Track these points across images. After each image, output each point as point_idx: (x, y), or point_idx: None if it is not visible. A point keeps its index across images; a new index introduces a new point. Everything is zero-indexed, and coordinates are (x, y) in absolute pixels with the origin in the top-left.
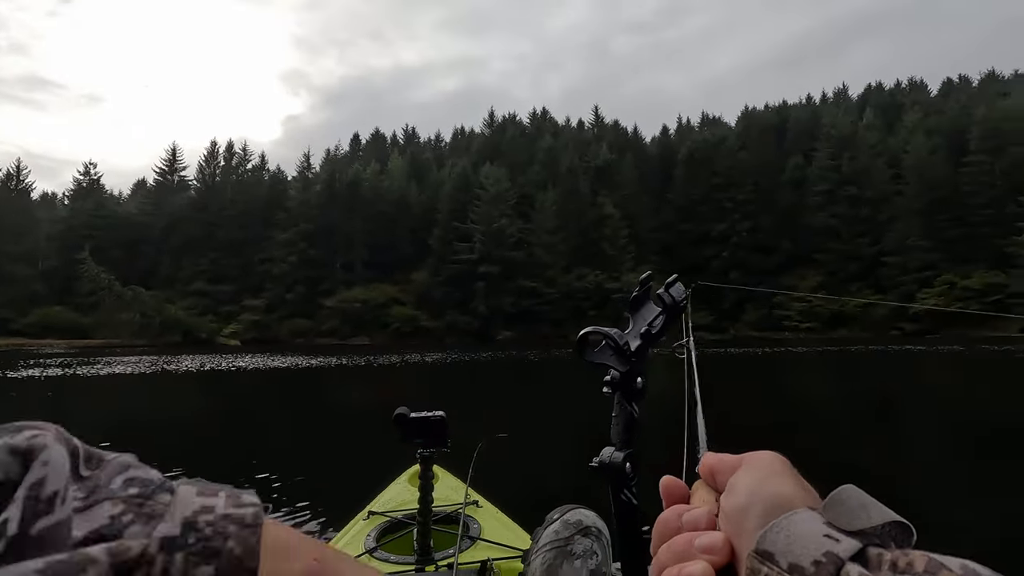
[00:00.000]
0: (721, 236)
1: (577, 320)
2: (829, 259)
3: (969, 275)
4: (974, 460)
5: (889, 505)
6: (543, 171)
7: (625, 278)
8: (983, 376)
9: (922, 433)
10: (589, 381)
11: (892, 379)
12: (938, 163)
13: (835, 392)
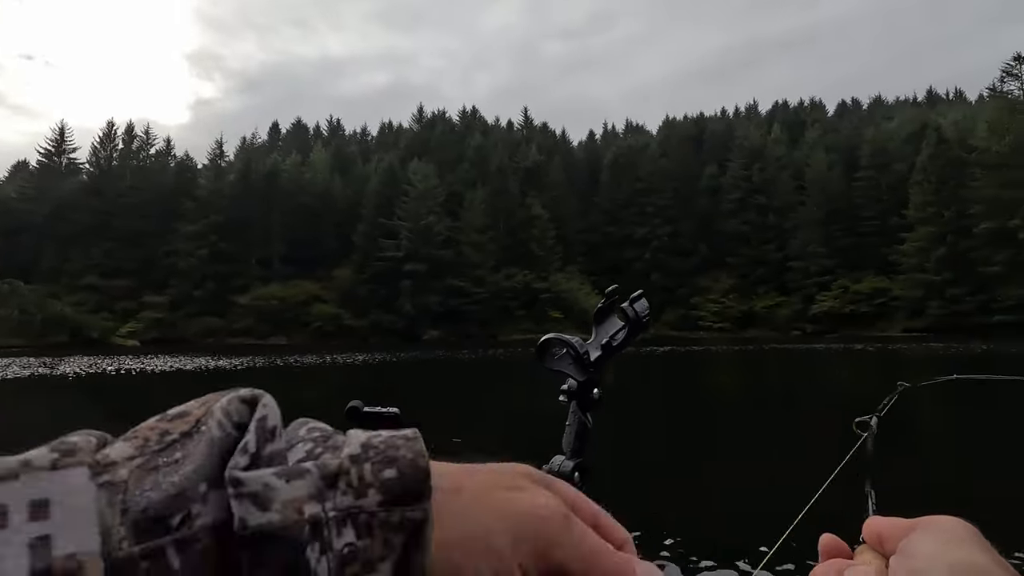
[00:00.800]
0: (643, 239)
1: (505, 320)
2: (740, 263)
3: (860, 280)
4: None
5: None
6: (472, 169)
7: (553, 278)
8: (869, 369)
9: (814, 420)
10: (530, 384)
11: (792, 373)
12: (835, 177)
13: (745, 385)
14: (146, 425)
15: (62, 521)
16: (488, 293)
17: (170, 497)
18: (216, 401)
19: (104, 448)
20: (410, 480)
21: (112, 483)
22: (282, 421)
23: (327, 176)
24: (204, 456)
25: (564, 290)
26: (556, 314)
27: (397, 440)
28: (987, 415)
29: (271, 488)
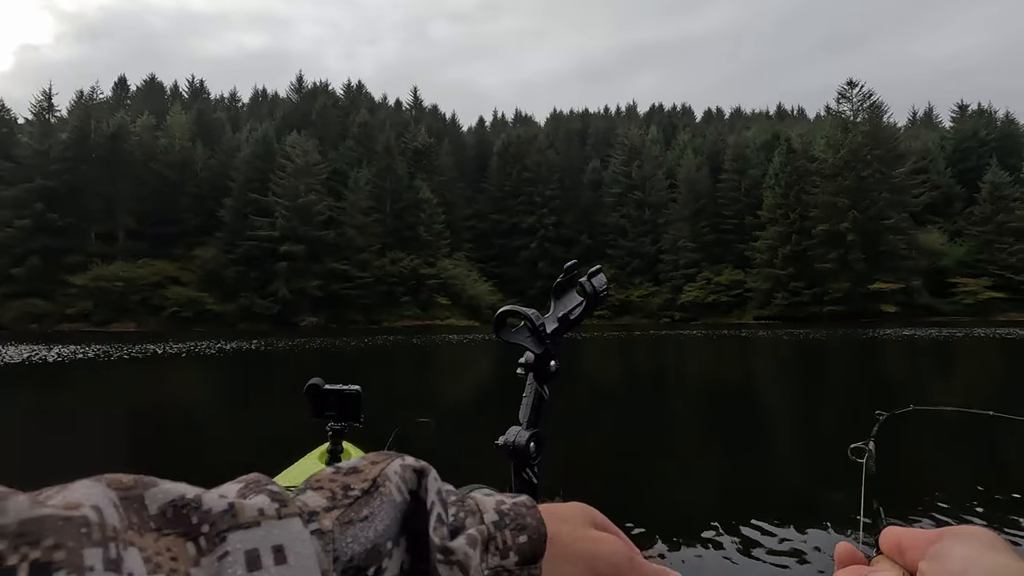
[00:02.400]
0: (531, 228)
1: (390, 306)
2: (619, 254)
3: (720, 272)
4: (723, 421)
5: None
6: (358, 147)
7: (441, 264)
8: (727, 352)
9: (682, 399)
10: (419, 373)
11: (663, 357)
12: (702, 178)
13: (621, 369)
14: (326, 476)
15: (296, 565)
16: (372, 278)
17: (367, 551)
18: (386, 464)
19: (299, 495)
20: (537, 544)
21: (322, 532)
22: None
23: (187, 142)
24: (390, 518)
25: (452, 276)
26: (443, 301)
27: (522, 509)
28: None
29: (468, 557)
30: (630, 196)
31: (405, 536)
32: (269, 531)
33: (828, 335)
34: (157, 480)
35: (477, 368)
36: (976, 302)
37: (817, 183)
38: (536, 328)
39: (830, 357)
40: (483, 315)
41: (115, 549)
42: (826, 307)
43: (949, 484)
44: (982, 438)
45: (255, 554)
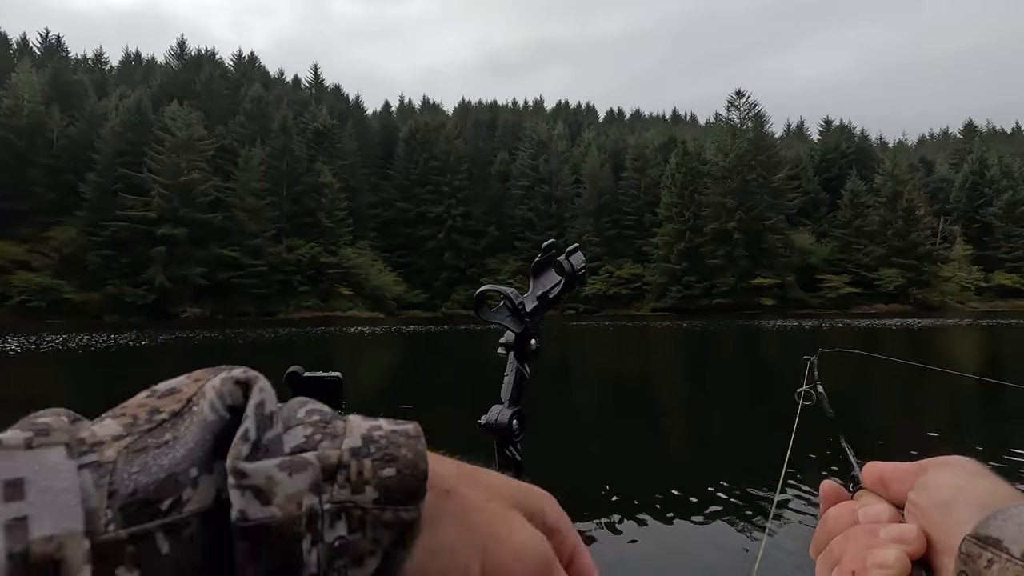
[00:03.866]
0: (438, 218)
1: (286, 296)
2: (526, 247)
3: (621, 267)
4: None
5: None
6: (250, 124)
7: (343, 252)
8: (626, 342)
9: (585, 386)
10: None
11: (567, 346)
12: (605, 175)
13: (557, 360)
14: (135, 401)
15: (39, 502)
16: (267, 266)
17: (160, 481)
18: (208, 380)
19: (90, 425)
20: (408, 480)
21: (99, 463)
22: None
23: (38, 105)
24: (196, 440)
25: (355, 266)
26: (346, 290)
27: (399, 437)
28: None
29: (274, 482)
30: (537, 189)
31: (223, 460)
32: (3, 463)
33: (718, 325)
34: None
35: (384, 360)
36: (838, 296)
37: (708, 185)
38: (516, 307)
39: (725, 344)
40: (388, 306)
41: None
42: (715, 300)
43: (882, 425)
44: (895, 385)
45: None
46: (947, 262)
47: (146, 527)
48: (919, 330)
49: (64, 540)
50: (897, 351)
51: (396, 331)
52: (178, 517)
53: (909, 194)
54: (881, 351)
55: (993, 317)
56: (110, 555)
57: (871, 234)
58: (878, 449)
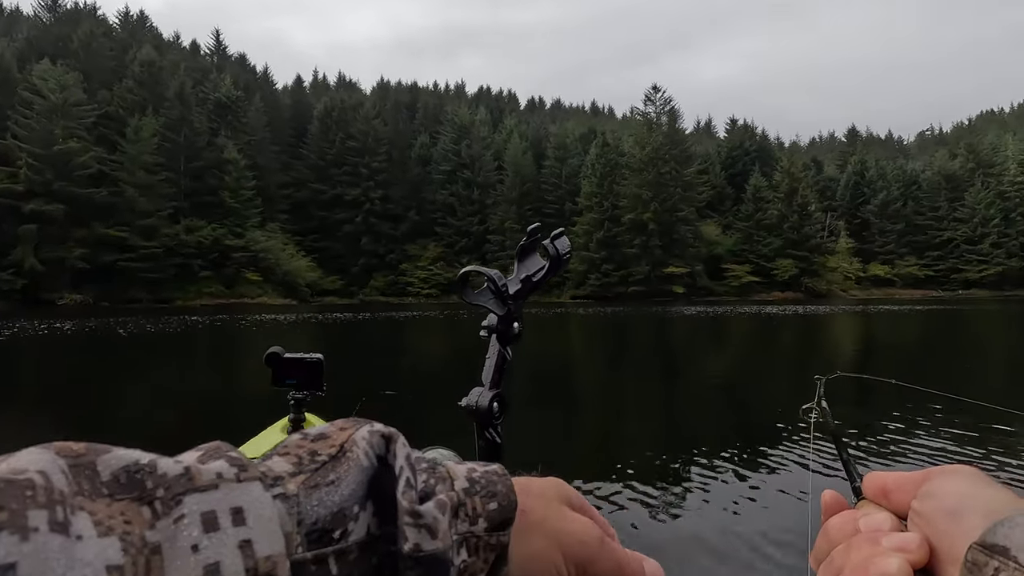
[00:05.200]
0: (355, 201)
1: (185, 282)
2: (447, 233)
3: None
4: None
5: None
6: (140, 91)
7: (250, 235)
8: (549, 329)
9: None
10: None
11: (457, 336)
12: (527, 163)
13: (447, 347)
14: (294, 442)
15: (256, 527)
16: (162, 248)
17: (333, 514)
18: (354, 430)
19: (264, 461)
20: (507, 511)
21: (286, 496)
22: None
23: None
24: (357, 481)
25: (264, 249)
26: (254, 276)
27: (493, 476)
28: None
29: (437, 521)
30: (459, 175)
31: (372, 500)
32: (227, 494)
33: (634, 312)
34: (110, 447)
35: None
36: (740, 284)
37: (626, 176)
38: (499, 289)
39: (652, 330)
40: (301, 293)
41: (62, 512)
42: (630, 287)
43: (880, 440)
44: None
45: (212, 516)
46: (833, 254)
47: (324, 551)
48: (807, 315)
49: (277, 560)
50: (791, 336)
51: (312, 319)
52: (345, 545)
53: (803, 191)
54: (779, 337)
55: (869, 304)
56: (299, 573)
57: (770, 227)
58: (876, 463)
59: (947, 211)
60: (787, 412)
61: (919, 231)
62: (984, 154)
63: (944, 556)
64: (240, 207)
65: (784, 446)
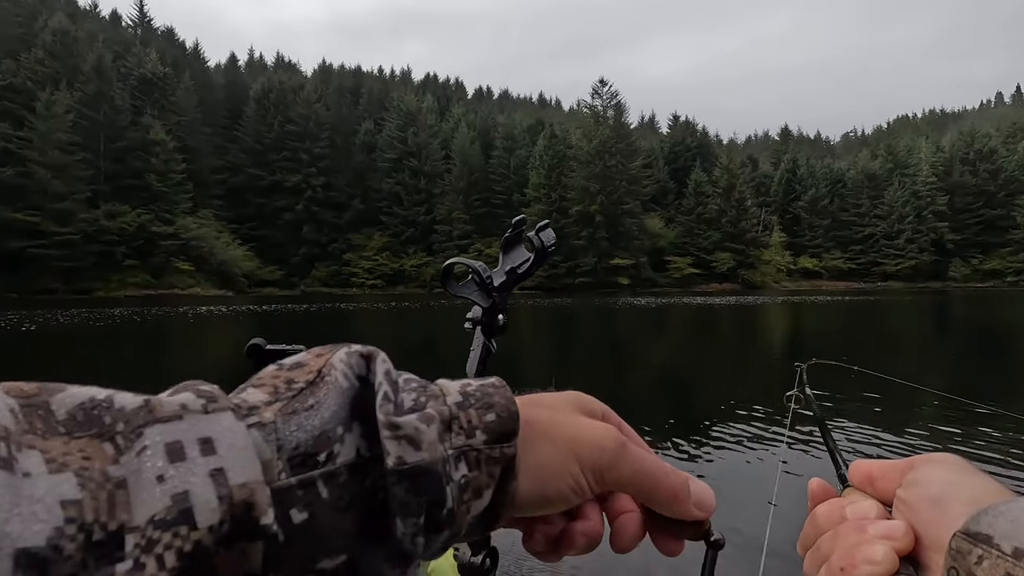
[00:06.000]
0: (296, 188)
1: (107, 271)
2: (393, 222)
3: (491, 245)
4: None
5: None
6: (53, 62)
7: (181, 222)
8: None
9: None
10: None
11: (436, 326)
12: (475, 153)
13: (397, 340)
14: (268, 373)
15: (229, 456)
16: (79, 234)
17: (315, 437)
18: (332, 354)
19: (238, 394)
20: (507, 421)
21: (262, 424)
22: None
23: None
24: (337, 404)
25: (196, 237)
26: (185, 265)
27: (489, 388)
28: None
29: (420, 431)
30: (405, 163)
31: (358, 421)
32: (193, 425)
33: (583, 303)
34: (65, 385)
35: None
36: (682, 276)
37: (574, 168)
38: (484, 281)
39: (609, 321)
40: (237, 284)
41: (5, 449)
42: (578, 279)
43: (864, 428)
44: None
45: (177, 446)
46: (767, 247)
47: (311, 475)
48: (744, 306)
49: (254, 486)
50: (728, 325)
51: (250, 310)
52: (332, 467)
53: (740, 187)
54: (717, 326)
55: (798, 295)
56: (285, 499)
57: (710, 221)
58: (860, 450)
59: (868, 208)
60: (754, 399)
61: (844, 227)
62: (901, 156)
63: (929, 543)
64: (169, 192)
65: (759, 429)
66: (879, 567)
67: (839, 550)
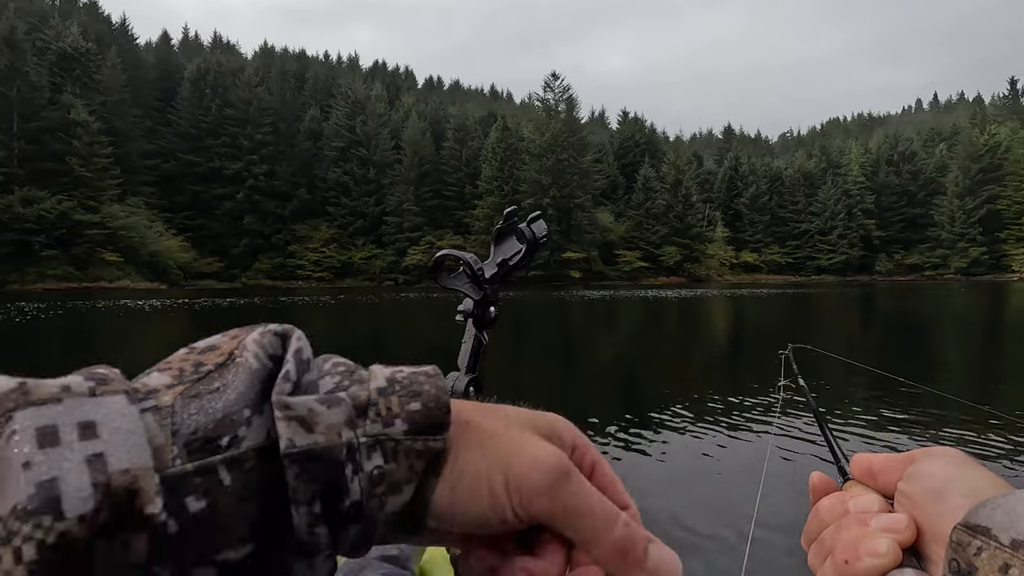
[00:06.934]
0: (236, 176)
1: (21, 263)
2: (340, 213)
3: (442, 237)
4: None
5: None
6: None
7: (107, 210)
8: (444, 314)
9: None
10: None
11: (385, 321)
12: (426, 143)
13: (341, 334)
14: (177, 356)
15: (112, 440)
16: None
17: (217, 420)
18: (247, 335)
19: (140, 378)
20: (434, 412)
21: (159, 407)
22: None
23: None
24: (246, 384)
25: (124, 227)
26: (112, 257)
27: (419, 376)
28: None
29: (315, 413)
30: (353, 152)
31: (269, 403)
32: (74, 408)
33: (539, 296)
34: None
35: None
36: (631, 270)
37: (526, 161)
38: (475, 273)
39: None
40: (171, 276)
41: None
42: (531, 272)
43: (857, 420)
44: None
45: (51, 429)
46: (711, 242)
47: (210, 461)
48: (695, 299)
49: (138, 473)
50: (673, 318)
51: (185, 304)
52: (237, 452)
53: (687, 183)
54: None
55: (739, 288)
56: (179, 486)
57: (658, 216)
58: (857, 443)
59: (804, 205)
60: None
61: (782, 223)
62: (833, 156)
63: (930, 535)
64: (93, 177)
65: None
66: (883, 559)
67: (842, 543)
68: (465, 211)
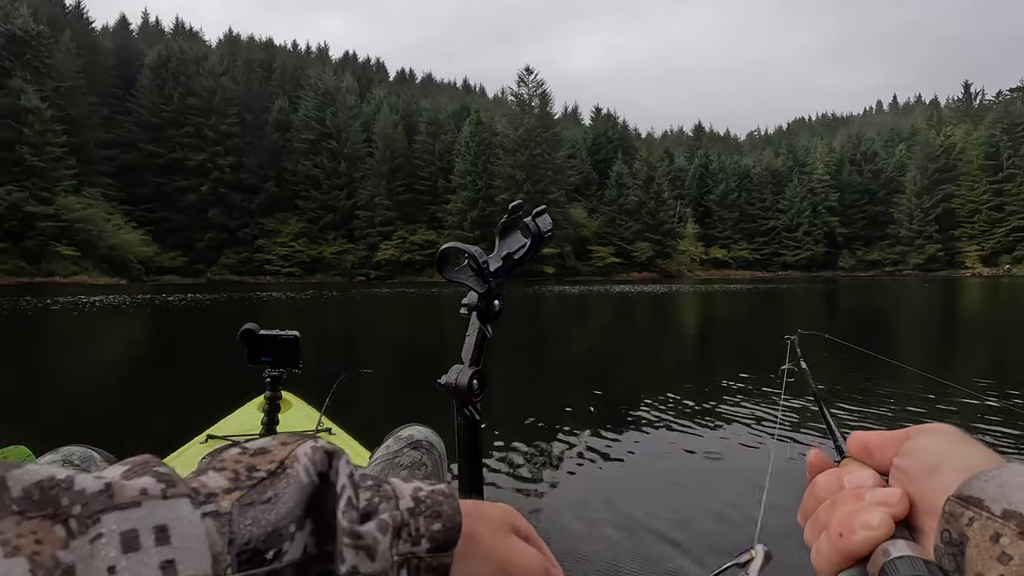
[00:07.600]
0: (201, 168)
1: None
2: (310, 207)
3: (415, 232)
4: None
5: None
6: None
7: (62, 202)
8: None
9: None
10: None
11: (358, 317)
12: (398, 137)
13: (312, 331)
14: (231, 457)
15: (181, 547)
16: None
17: (268, 534)
18: (296, 445)
19: (197, 476)
20: (450, 533)
21: (218, 513)
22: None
23: None
24: (295, 500)
25: (81, 219)
26: (68, 250)
27: (439, 496)
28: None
29: (377, 542)
30: (324, 145)
31: (311, 519)
32: (151, 511)
33: (511, 292)
34: (24, 463)
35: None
36: (604, 265)
37: (500, 156)
38: (480, 267)
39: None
40: (132, 271)
41: None
42: None
43: (855, 401)
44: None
45: (133, 535)
46: (682, 238)
47: (255, 572)
48: (668, 294)
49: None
50: (645, 312)
51: (147, 300)
52: (279, 566)
53: (659, 179)
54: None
55: (710, 283)
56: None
57: (630, 212)
58: (855, 423)
59: (772, 202)
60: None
61: (750, 219)
62: (800, 155)
63: (924, 509)
64: (46, 167)
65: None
66: (876, 532)
67: (837, 517)
68: (438, 205)
